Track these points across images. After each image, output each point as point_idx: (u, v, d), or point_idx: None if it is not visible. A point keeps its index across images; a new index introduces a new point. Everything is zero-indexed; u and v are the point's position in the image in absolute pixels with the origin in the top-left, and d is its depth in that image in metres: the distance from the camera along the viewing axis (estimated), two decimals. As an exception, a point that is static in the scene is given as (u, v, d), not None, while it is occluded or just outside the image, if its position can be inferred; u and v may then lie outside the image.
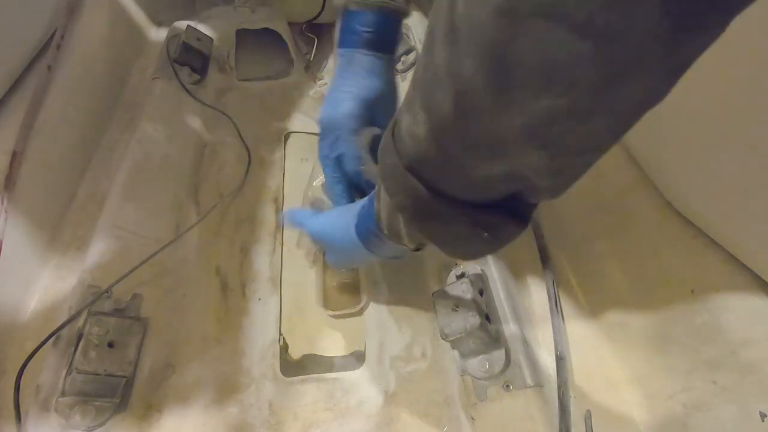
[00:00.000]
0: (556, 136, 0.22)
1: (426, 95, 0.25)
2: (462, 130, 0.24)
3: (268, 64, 0.93)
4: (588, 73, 0.18)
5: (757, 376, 0.37)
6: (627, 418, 0.45)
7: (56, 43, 0.67)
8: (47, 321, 0.52)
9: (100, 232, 0.56)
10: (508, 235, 0.31)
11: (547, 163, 0.24)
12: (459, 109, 0.23)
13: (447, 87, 0.23)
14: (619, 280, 0.50)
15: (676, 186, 0.47)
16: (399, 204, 0.33)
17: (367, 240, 0.42)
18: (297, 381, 0.52)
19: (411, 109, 0.28)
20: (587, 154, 0.24)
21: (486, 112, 0.22)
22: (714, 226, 0.43)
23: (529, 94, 0.20)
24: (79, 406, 0.45)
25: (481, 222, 0.30)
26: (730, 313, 0.40)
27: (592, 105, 0.20)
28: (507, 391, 0.45)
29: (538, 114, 0.21)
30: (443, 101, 0.24)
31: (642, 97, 0.20)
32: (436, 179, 0.29)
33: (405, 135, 0.29)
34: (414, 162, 0.30)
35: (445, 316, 0.46)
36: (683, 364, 0.42)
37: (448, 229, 0.32)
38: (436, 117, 0.25)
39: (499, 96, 0.21)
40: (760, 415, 0.36)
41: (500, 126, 0.23)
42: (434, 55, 0.23)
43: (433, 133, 0.26)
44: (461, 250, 0.34)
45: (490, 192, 0.29)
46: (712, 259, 0.43)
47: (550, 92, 0.20)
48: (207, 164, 0.72)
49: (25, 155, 0.57)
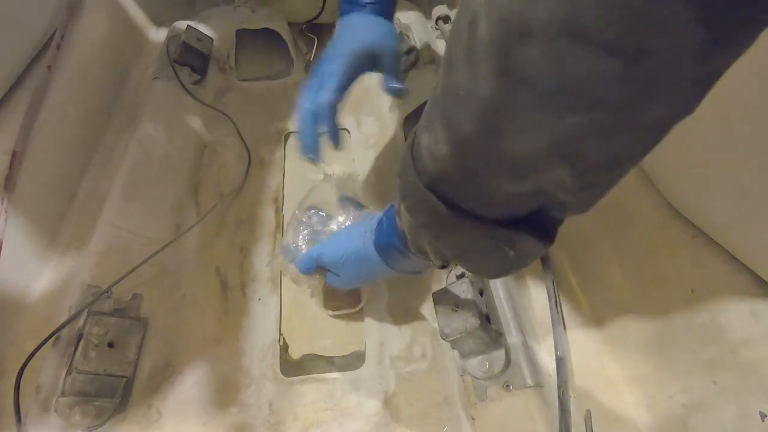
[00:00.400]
0: (584, 153, 0.22)
1: (447, 115, 0.25)
2: (485, 148, 0.24)
3: (268, 64, 0.93)
4: (614, 92, 0.18)
5: (757, 376, 0.37)
6: (627, 418, 0.45)
7: (56, 43, 0.67)
8: (47, 321, 0.52)
9: (100, 232, 0.56)
10: (534, 252, 0.30)
11: (575, 180, 0.23)
12: (482, 129, 0.23)
13: (469, 107, 0.23)
14: (619, 280, 0.50)
15: (676, 186, 0.47)
16: (420, 223, 0.33)
17: (390, 257, 0.42)
18: (297, 381, 0.52)
19: (431, 127, 0.27)
20: (616, 169, 0.24)
21: (509, 132, 0.22)
22: (714, 226, 0.43)
23: (554, 113, 0.20)
24: (79, 406, 0.45)
25: (505, 239, 0.29)
26: (730, 313, 0.40)
27: (618, 123, 0.20)
28: (507, 391, 0.45)
29: (563, 132, 0.20)
30: (466, 121, 0.23)
31: (671, 112, 0.20)
32: (457, 197, 0.29)
33: (425, 153, 0.29)
34: (434, 180, 0.29)
35: (445, 316, 0.46)
36: (683, 365, 0.42)
37: (472, 247, 0.31)
38: (458, 136, 0.25)
39: (523, 115, 0.21)
40: (760, 415, 0.36)
41: (525, 144, 0.22)
42: (455, 76, 0.23)
43: (455, 151, 0.26)
44: (485, 269, 0.34)
45: (515, 208, 0.28)
46: (712, 259, 0.43)
47: (574, 111, 0.19)
48: (207, 164, 0.73)
49: (25, 155, 0.57)
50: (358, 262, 0.46)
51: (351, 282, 0.50)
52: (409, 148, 0.32)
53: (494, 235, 0.29)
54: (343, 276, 0.48)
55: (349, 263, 0.46)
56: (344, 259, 0.47)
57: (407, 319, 0.56)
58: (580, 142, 0.21)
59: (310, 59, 0.97)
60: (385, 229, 0.42)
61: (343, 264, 0.47)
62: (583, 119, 0.19)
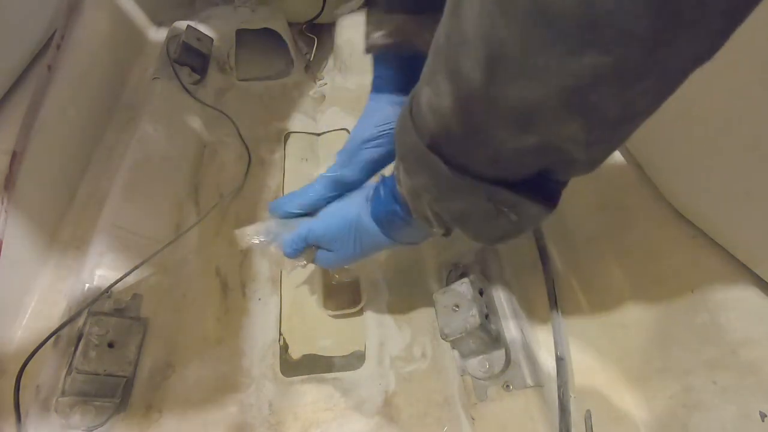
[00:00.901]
0: (597, 102, 0.20)
1: (451, 63, 0.23)
2: (492, 98, 0.22)
3: (268, 64, 0.93)
4: (641, 22, 0.16)
5: (757, 376, 0.37)
6: (627, 418, 0.45)
7: (56, 43, 0.67)
8: (47, 321, 0.52)
9: (100, 232, 0.56)
10: (536, 216, 0.29)
11: (584, 134, 0.22)
12: (489, 75, 0.21)
13: (477, 50, 0.21)
14: (619, 280, 0.50)
15: (676, 186, 0.47)
16: (420, 185, 0.31)
17: (390, 226, 0.40)
18: (297, 381, 0.52)
19: (432, 80, 0.26)
20: (629, 122, 0.23)
21: (520, 76, 0.20)
22: (714, 226, 0.43)
23: (571, 51, 0.18)
24: (79, 406, 0.45)
25: (508, 201, 0.28)
26: (730, 313, 0.40)
27: (643, 62, 0.18)
28: (507, 391, 0.45)
29: (579, 75, 0.19)
30: (472, 67, 0.22)
31: (696, 52, 0.19)
32: (459, 155, 0.27)
33: (425, 110, 0.27)
34: (436, 138, 0.28)
35: (445, 316, 0.46)
36: (683, 364, 0.42)
37: (473, 210, 0.30)
38: (462, 86, 0.23)
39: (536, 55, 0.19)
40: (760, 415, 0.36)
41: (535, 91, 0.21)
42: (461, 18, 0.21)
43: (460, 103, 0.24)
44: (486, 233, 0.32)
45: (519, 167, 0.27)
46: (712, 259, 0.43)
47: (595, 47, 0.18)
48: (207, 164, 0.73)
49: (25, 155, 0.57)
50: (354, 234, 0.43)
51: (345, 259, 0.46)
52: (407, 106, 0.30)
53: (496, 198, 0.28)
54: (337, 252, 0.45)
55: (344, 237, 0.44)
56: (338, 232, 0.44)
57: (407, 319, 0.56)
58: (597, 88, 0.19)
59: (310, 59, 0.97)
60: (383, 198, 0.40)
61: (337, 239, 0.44)
62: (603, 59, 0.18)
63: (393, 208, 0.39)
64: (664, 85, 0.20)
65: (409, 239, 0.42)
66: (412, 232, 0.41)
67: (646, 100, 0.21)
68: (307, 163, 0.76)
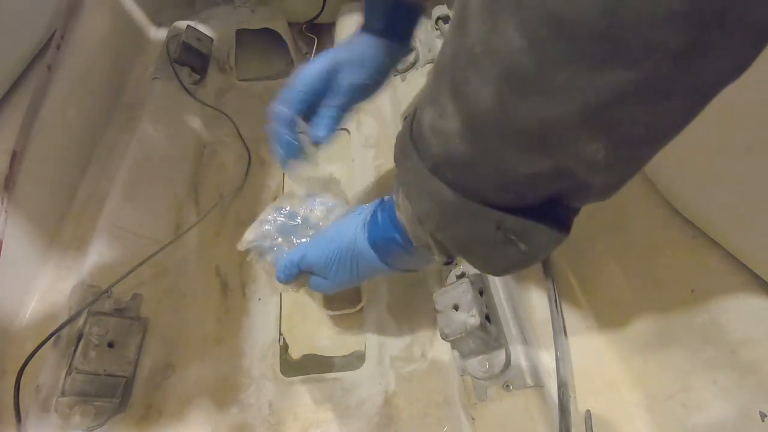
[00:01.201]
0: (621, 121, 0.18)
1: (457, 82, 0.22)
2: (503, 118, 0.21)
3: (268, 64, 0.93)
4: (673, 34, 0.15)
5: (757, 376, 0.37)
6: (627, 418, 0.45)
7: (56, 43, 0.67)
8: (47, 321, 0.52)
9: (100, 232, 0.56)
10: (547, 245, 0.27)
11: (606, 156, 0.20)
12: (501, 93, 0.20)
13: (486, 67, 0.20)
14: (619, 280, 0.50)
15: (676, 186, 0.47)
16: (421, 212, 0.29)
17: (387, 253, 0.38)
18: (297, 381, 0.52)
19: (436, 102, 0.24)
20: (653, 144, 0.21)
21: (535, 94, 0.19)
22: (714, 226, 0.43)
23: (593, 66, 0.17)
24: (79, 406, 0.45)
25: (517, 228, 0.26)
26: (730, 313, 0.40)
27: (672, 78, 0.16)
28: (507, 391, 0.45)
29: (602, 92, 0.17)
30: (481, 86, 0.20)
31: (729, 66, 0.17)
32: (466, 180, 0.26)
33: (428, 133, 0.26)
34: (440, 163, 0.26)
35: (445, 316, 0.46)
36: (683, 364, 0.42)
37: (479, 238, 0.28)
38: (470, 106, 0.22)
39: (554, 71, 0.18)
40: (760, 415, 0.36)
41: (552, 110, 0.19)
42: (468, 34, 0.20)
43: (467, 125, 0.23)
44: (494, 263, 0.30)
45: (530, 192, 0.25)
46: (712, 259, 0.43)
47: (620, 62, 0.16)
48: (207, 164, 0.73)
49: (25, 155, 0.57)
50: (349, 262, 0.41)
51: (340, 285, 0.44)
52: (408, 128, 0.29)
53: (505, 225, 0.26)
54: (331, 279, 0.43)
55: (339, 264, 0.42)
56: (333, 259, 0.42)
57: (407, 319, 0.56)
58: (621, 106, 0.18)
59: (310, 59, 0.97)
60: (381, 223, 0.38)
61: (332, 266, 0.42)
62: (629, 74, 0.16)
63: (391, 236, 0.36)
64: (694, 101, 0.19)
65: (407, 266, 0.40)
66: (412, 260, 0.39)
67: (675, 118, 0.19)
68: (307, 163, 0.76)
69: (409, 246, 0.35)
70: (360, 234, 0.39)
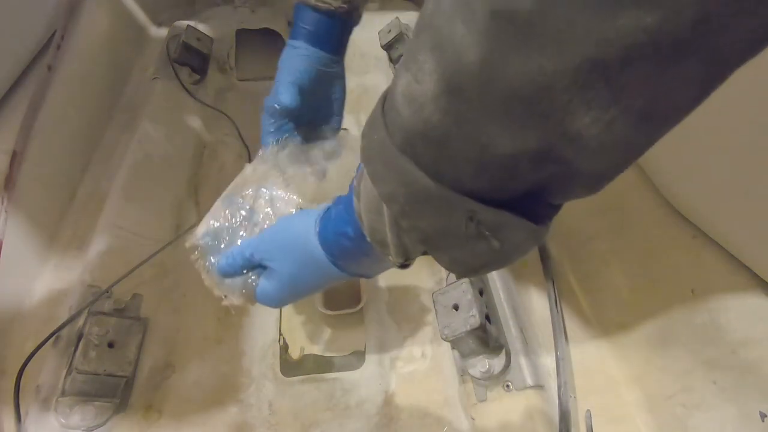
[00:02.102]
0: (625, 85, 0.16)
1: (440, 31, 0.19)
2: (489, 74, 0.18)
3: (268, 64, 0.93)
4: None
5: (757, 376, 0.37)
6: (627, 418, 0.45)
7: (56, 43, 0.67)
8: (47, 321, 0.52)
9: (100, 232, 0.56)
10: (522, 244, 0.24)
11: (599, 133, 0.18)
12: (490, 41, 0.17)
13: (477, 6, 0.17)
14: (619, 280, 0.50)
15: (676, 186, 0.47)
16: (386, 194, 0.25)
17: (338, 250, 0.34)
18: (297, 381, 0.52)
19: (413, 61, 0.21)
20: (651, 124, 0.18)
21: (530, 42, 0.16)
22: (714, 226, 0.43)
23: (604, 6, 0.14)
24: (79, 406, 0.45)
25: (491, 222, 0.23)
26: (730, 313, 0.40)
27: (693, 30, 0.14)
28: (507, 391, 0.45)
29: (609, 42, 0.15)
30: (466, 32, 0.17)
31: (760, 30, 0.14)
32: (438, 159, 0.22)
33: (400, 101, 0.22)
34: (411, 136, 0.22)
35: (445, 316, 0.46)
36: (683, 364, 0.42)
37: (448, 230, 0.24)
38: (451, 59, 0.19)
39: (557, 12, 0.15)
40: (760, 415, 0.36)
41: (546, 64, 0.16)
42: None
43: (445, 84, 0.19)
44: (461, 260, 0.27)
45: (510, 179, 0.22)
46: (712, 259, 0.43)
47: (639, 1, 0.14)
48: (207, 164, 0.73)
49: (25, 155, 0.57)
50: (298, 256, 0.36)
51: (290, 290, 0.38)
52: (380, 101, 0.25)
53: (477, 217, 0.23)
54: (279, 280, 0.38)
55: (287, 255, 0.37)
56: (281, 248, 0.37)
57: (407, 319, 0.56)
58: (628, 64, 0.15)
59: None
60: (333, 217, 0.34)
61: (279, 257, 0.37)
62: (645, 20, 0.14)
63: (343, 229, 0.32)
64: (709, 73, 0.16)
65: (360, 270, 0.36)
66: (365, 261, 0.34)
67: (683, 92, 0.17)
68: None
69: (362, 242, 0.31)
70: (312, 228, 0.35)
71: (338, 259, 0.34)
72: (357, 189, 0.30)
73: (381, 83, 0.82)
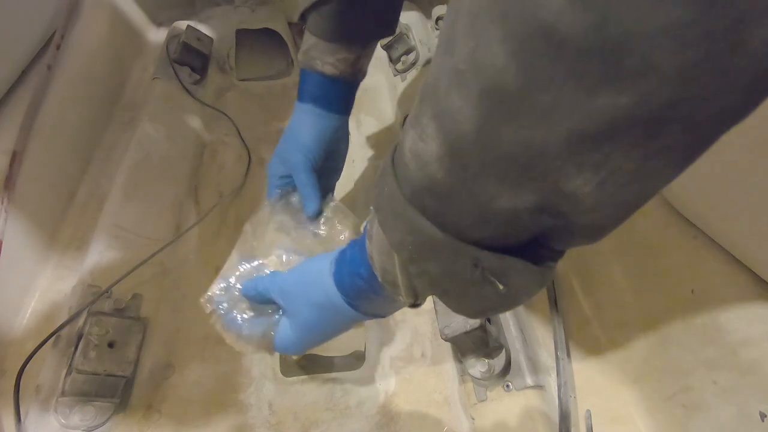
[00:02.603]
0: (610, 153, 0.17)
1: (439, 101, 0.20)
2: (485, 141, 0.19)
3: (268, 64, 0.93)
4: (671, 55, 0.13)
5: (757, 376, 0.37)
6: (627, 418, 0.45)
7: (56, 43, 0.67)
8: (47, 321, 0.52)
9: (100, 232, 0.56)
10: (527, 287, 0.25)
11: (592, 192, 0.18)
12: (483, 114, 0.18)
13: (470, 85, 0.18)
14: (619, 280, 0.50)
15: (677, 186, 0.47)
16: (395, 241, 0.27)
17: (352, 290, 0.35)
18: (297, 381, 0.52)
19: (418, 123, 0.23)
20: (642, 186, 0.19)
21: (520, 115, 0.17)
22: (714, 226, 0.43)
23: (583, 87, 0.15)
24: (79, 406, 0.45)
25: (496, 268, 0.24)
26: (730, 313, 0.40)
27: (668, 107, 0.15)
28: (507, 391, 0.45)
29: (590, 118, 0.16)
30: (463, 105, 0.19)
31: (734, 99, 0.15)
32: (443, 211, 0.24)
33: (408, 156, 0.24)
34: (418, 189, 0.24)
35: (445, 316, 0.46)
36: (683, 365, 0.42)
37: (454, 276, 0.26)
38: (451, 127, 0.20)
39: (541, 90, 0.16)
40: (760, 415, 0.36)
41: (537, 134, 0.17)
42: (454, 52, 0.19)
43: (447, 148, 0.21)
44: (468, 304, 0.28)
45: (511, 230, 0.23)
46: (712, 259, 0.43)
47: (611, 85, 0.15)
48: (207, 164, 0.73)
49: (25, 155, 0.57)
50: (313, 299, 0.38)
51: (304, 335, 0.40)
52: (392, 152, 0.27)
53: (482, 264, 0.24)
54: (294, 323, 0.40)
55: (303, 299, 0.39)
56: (299, 287, 0.39)
57: (407, 319, 0.56)
58: (611, 136, 0.16)
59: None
60: (348, 258, 0.35)
61: (296, 300, 0.39)
62: (621, 100, 0.15)
63: (357, 270, 0.34)
64: (692, 140, 0.17)
65: (373, 309, 0.37)
66: (377, 301, 0.35)
67: (668, 159, 0.18)
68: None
69: (374, 282, 0.33)
70: (327, 269, 0.37)
71: (353, 299, 0.35)
72: (370, 231, 0.32)
73: (381, 83, 0.82)
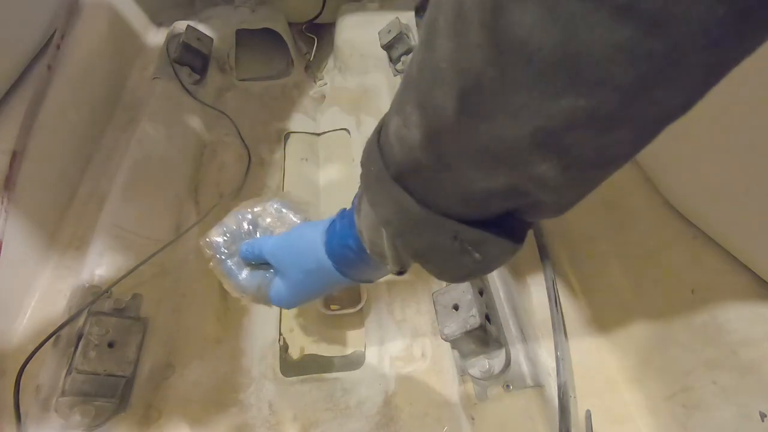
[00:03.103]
0: (571, 145, 0.20)
1: (423, 93, 0.23)
2: (463, 133, 0.22)
3: (268, 64, 0.93)
4: (621, 69, 0.16)
5: (757, 376, 0.37)
6: (627, 418, 0.45)
7: (56, 43, 0.67)
8: (47, 321, 0.52)
9: (100, 232, 0.56)
10: (501, 255, 0.29)
11: (556, 176, 0.21)
12: (462, 109, 0.21)
13: (450, 83, 0.20)
14: (619, 280, 0.50)
15: (676, 186, 0.47)
16: (383, 217, 0.30)
17: (342, 259, 0.38)
18: (297, 381, 0.52)
19: (402, 109, 0.25)
20: (602, 168, 0.22)
21: (495, 112, 0.20)
22: (714, 226, 0.43)
23: (548, 92, 0.18)
24: (79, 406, 0.45)
25: (474, 240, 0.27)
26: (730, 313, 0.40)
27: (620, 109, 0.18)
28: (507, 391, 0.45)
29: (554, 117, 0.18)
30: (444, 100, 0.21)
31: (674, 103, 0.18)
32: (426, 191, 0.27)
33: (393, 139, 0.26)
34: (403, 170, 0.27)
35: (445, 316, 0.46)
36: (683, 364, 0.42)
37: (437, 247, 0.29)
38: (433, 118, 0.22)
39: (512, 93, 0.18)
40: (760, 415, 0.36)
41: (509, 129, 0.20)
42: (435, 49, 0.21)
43: (429, 136, 0.23)
44: (448, 271, 0.31)
45: (487, 207, 0.27)
46: (712, 259, 0.43)
47: (572, 91, 0.17)
48: (207, 164, 0.73)
49: (25, 155, 0.57)
50: (304, 265, 0.41)
51: (297, 294, 0.43)
52: (376, 134, 0.29)
53: (461, 236, 0.27)
54: (289, 280, 0.43)
55: (296, 267, 0.42)
56: (290, 259, 0.42)
57: (407, 319, 0.56)
58: (572, 132, 0.19)
59: (310, 59, 0.97)
60: (338, 230, 0.38)
61: (289, 266, 0.42)
62: (580, 103, 0.17)
63: (346, 242, 0.37)
64: (642, 133, 0.20)
65: (361, 276, 0.41)
66: (365, 269, 0.39)
67: (623, 147, 0.21)
68: (307, 162, 0.76)
69: (363, 253, 0.36)
70: (319, 239, 0.40)
71: (343, 267, 0.39)
72: (359, 206, 0.35)
73: (381, 83, 0.82)
